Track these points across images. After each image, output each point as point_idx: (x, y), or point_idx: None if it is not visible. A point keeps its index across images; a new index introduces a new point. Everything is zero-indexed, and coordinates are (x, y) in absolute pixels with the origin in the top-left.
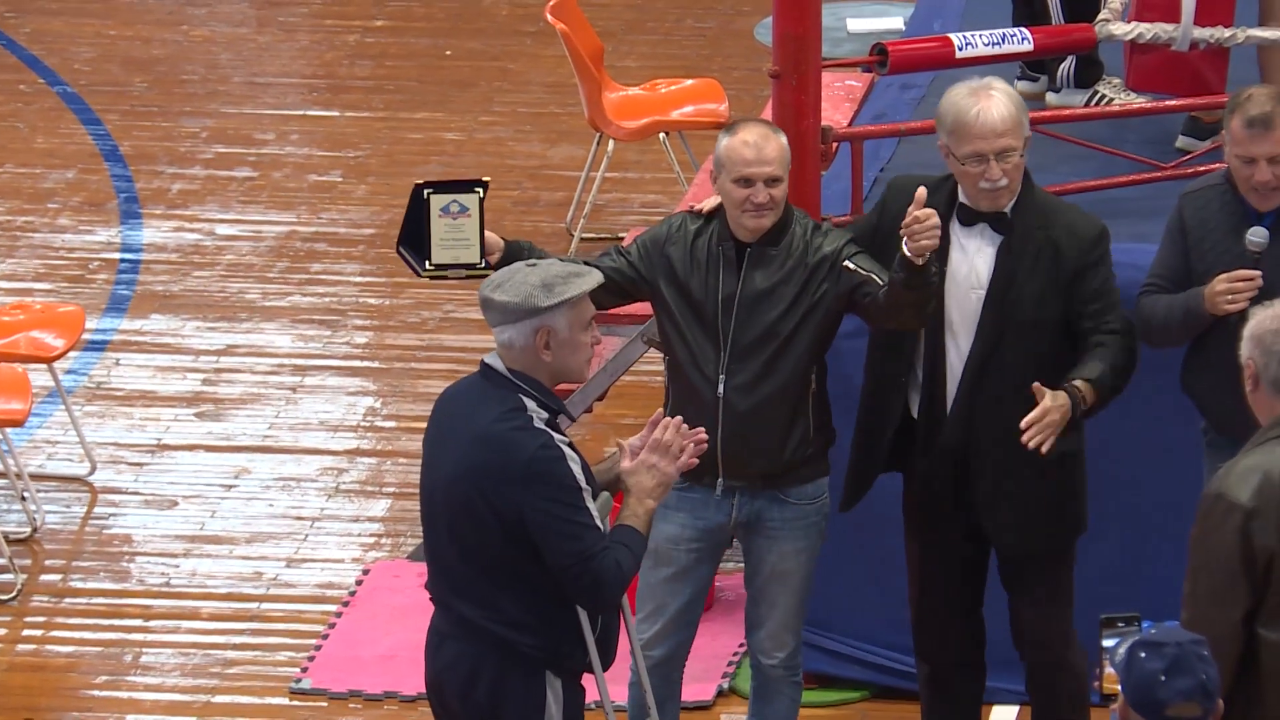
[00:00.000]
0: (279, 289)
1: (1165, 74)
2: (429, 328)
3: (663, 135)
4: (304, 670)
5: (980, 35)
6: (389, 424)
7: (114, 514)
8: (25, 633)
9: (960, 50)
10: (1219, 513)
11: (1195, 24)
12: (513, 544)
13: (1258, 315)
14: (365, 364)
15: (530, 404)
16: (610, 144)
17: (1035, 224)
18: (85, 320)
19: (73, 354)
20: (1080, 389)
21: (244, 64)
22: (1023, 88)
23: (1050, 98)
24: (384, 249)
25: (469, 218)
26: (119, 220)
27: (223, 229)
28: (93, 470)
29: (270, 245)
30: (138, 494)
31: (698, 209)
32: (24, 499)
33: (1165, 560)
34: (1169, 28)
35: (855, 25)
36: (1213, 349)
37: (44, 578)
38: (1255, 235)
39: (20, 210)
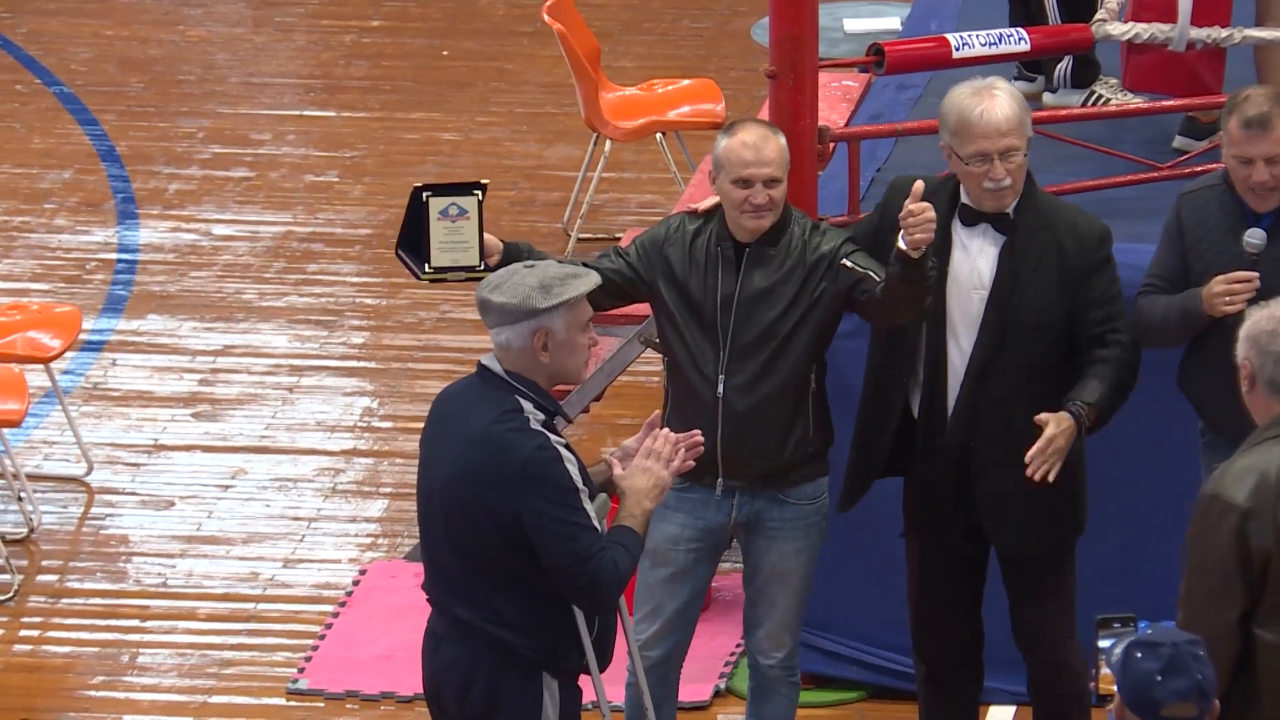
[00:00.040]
0: (276, 289)
1: (1162, 74)
2: (426, 328)
3: (659, 135)
4: (301, 671)
5: (977, 35)
6: (386, 424)
7: (111, 514)
8: (22, 633)
9: (957, 50)
10: (1215, 513)
11: (1192, 24)
12: (509, 546)
13: (1253, 316)
14: (362, 364)
15: (527, 405)
16: (607, 144)
17: (1038, 224)
18: (82, 320)
19: (69, 354)
20: (1082, 410)
21: (240, 64)
22: (1020, 88)
23: (1047, 98)
24: (381, 249)
25: (468, 220)
26: (116, 220)
27: (219, 229)
28: (89, 470)
29: (267, 245)
30: (134, 494)
31: (696, 209)
32: (21, 499)
33: (1164, 560)
34: (1166, 28)
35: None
36: (1210, 350)
37: (41, 578)
38: (1253, 237)
39: (17, 210)
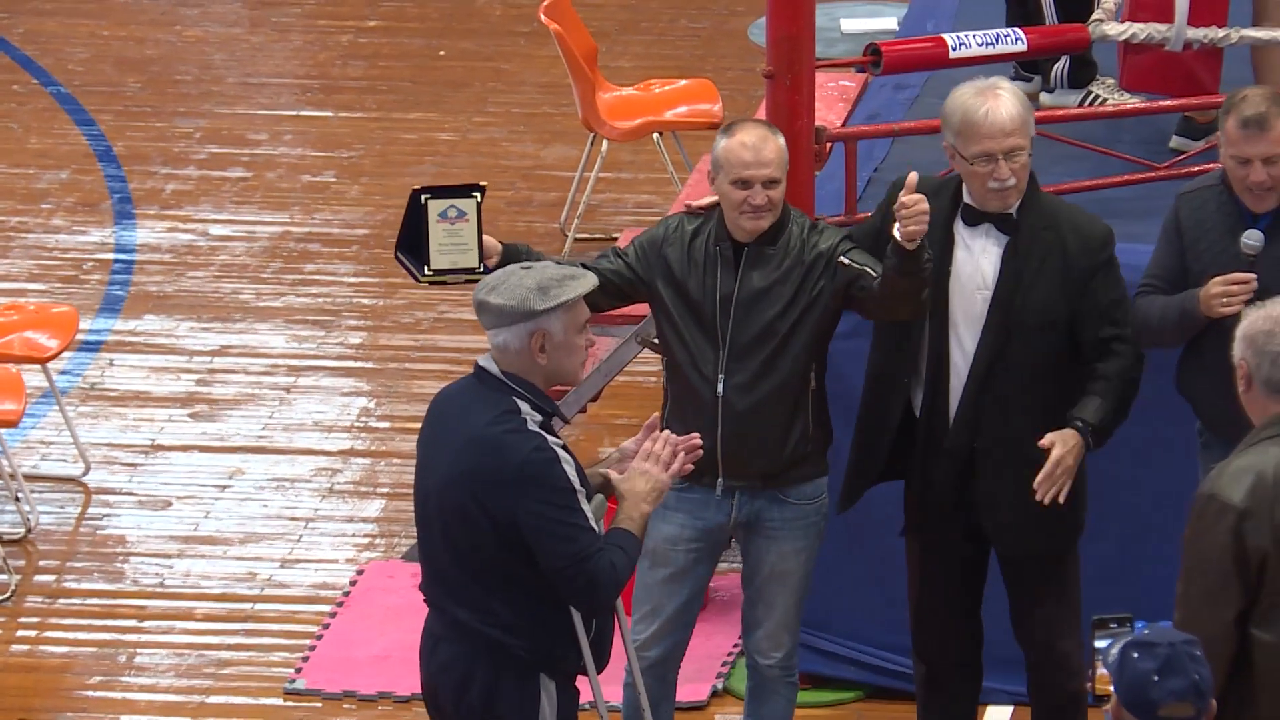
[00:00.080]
0: (273, 289)
1: (1159, 74)
2: (423, 328)
3: (656, 135)
4: (298, 671)
5: (974, 35)
6: (383, 424)
7: (108, 514)
8: (20, 633)
9: (954, 50)
10: (1212, 513)
11: (1189, 24)
12: (506, 547)
13: (1250, 316)
14: (359, 364)
15: (524, 406)
16: (604, 144)
17: (1041, 224)
18: (79, 321)
19: (67, 354)
20: (1088, 429)
21: (237, 64)
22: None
23: (1044, 98)
24: (378, 249)
25: (467, 222)
26: (113, 221)
27: (216, 229)
28: (87, 471)
29: (264, 246)
30: (132, 494)
31: (694, 208)
32: (18, 500)
33: (1163, 560)
34: (1163, 28)
35: (849, 25)
36: (1208, 351)
37: (38, 578)
38: (1250, 238)
39: (14, 211)
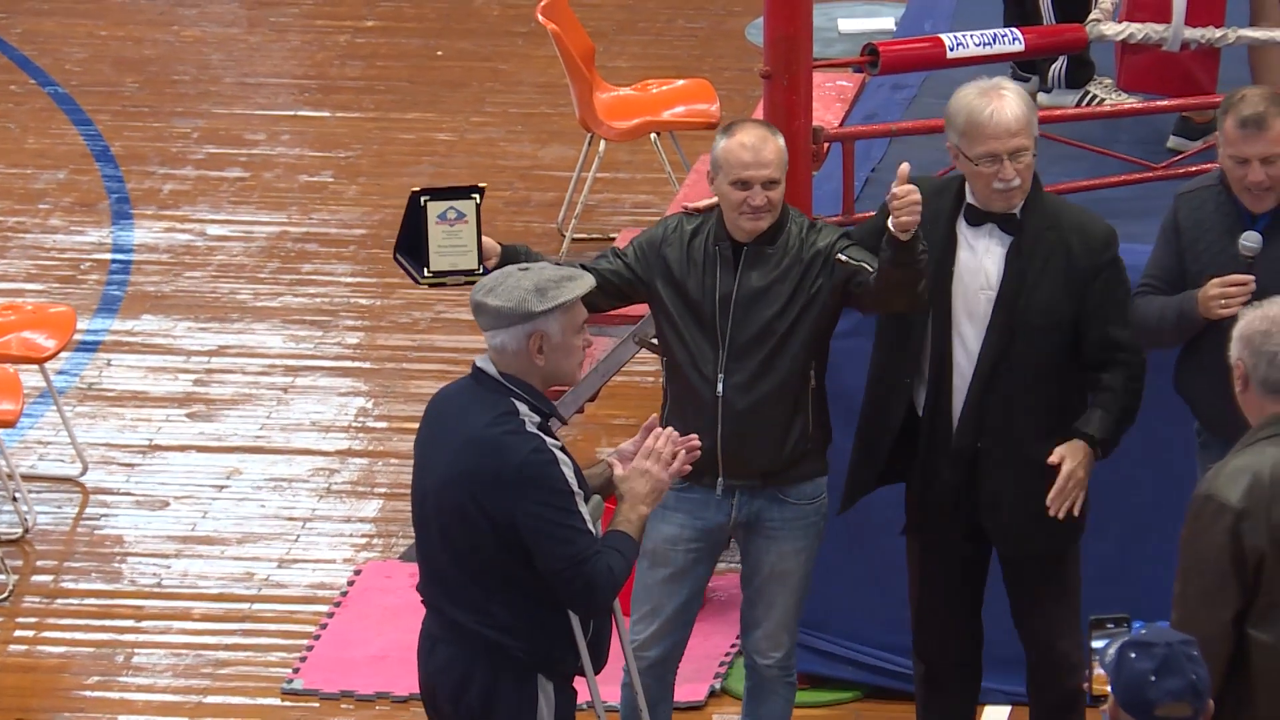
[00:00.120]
0: (270, 289)
1: (1156, 74)
2: (420, 328)
3: (654, 136)
4: (296, 671)
5: (971, 35)
6: (380, 425)
7: (105, 515)
8: (17, 633)
9: (951, 51)
10: (1209, 513)
11: (1186, 24)
12: (504, 548)
13: (1246, 316)
14: (356, 364)
15: (522, 408)
16: (601, 144)
17: (1044, 224)
18: (76, 321)
19: (64, 354)
20: (1094, 441)
21: (235, 64)
22: None
23: (1042, 98)
24: (375, 249)
25: (466, 224)
26: (110, 221)
27: (214, 229)
28: (84, 471)
29: (261, 246)
30: (129, 495)
31: (692, 207)
32: (15, 500)
33: (1161, 560)
34: (1160, 28)
35: (846, 25)
36: (1206, 351)
37: (35, 578)
38: (1248, 240)
39: (11, 211)
